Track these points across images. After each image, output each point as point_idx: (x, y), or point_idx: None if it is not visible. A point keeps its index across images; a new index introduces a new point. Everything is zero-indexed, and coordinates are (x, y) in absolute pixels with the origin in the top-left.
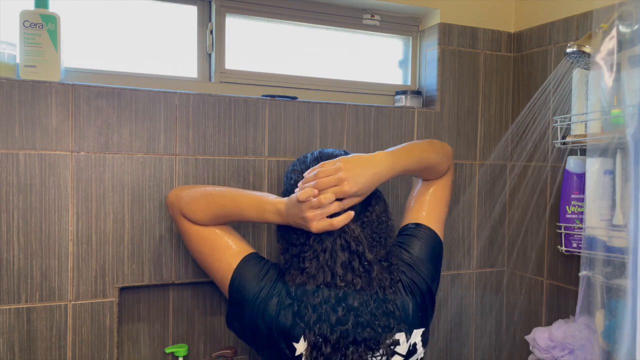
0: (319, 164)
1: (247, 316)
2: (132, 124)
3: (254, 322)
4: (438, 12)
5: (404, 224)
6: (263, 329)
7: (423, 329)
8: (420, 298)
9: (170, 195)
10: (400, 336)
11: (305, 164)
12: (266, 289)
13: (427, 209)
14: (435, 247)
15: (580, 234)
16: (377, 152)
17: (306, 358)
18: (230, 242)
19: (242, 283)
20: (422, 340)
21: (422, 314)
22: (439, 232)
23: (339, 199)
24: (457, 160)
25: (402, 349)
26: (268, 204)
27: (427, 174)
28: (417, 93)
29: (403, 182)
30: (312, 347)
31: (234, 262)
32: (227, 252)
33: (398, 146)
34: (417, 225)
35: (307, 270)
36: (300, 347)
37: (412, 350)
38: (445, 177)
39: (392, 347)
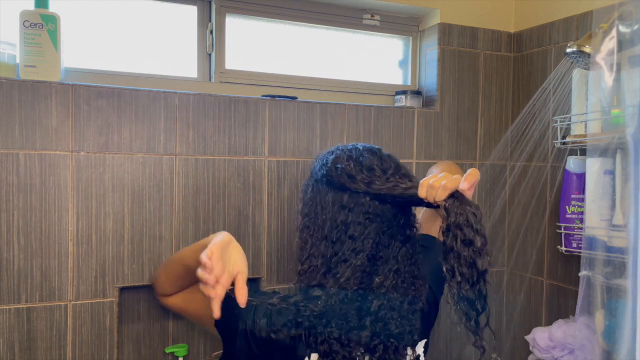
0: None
1: (239, 347)
2: (132, 124)
3: (247, 350)
4: (438, 12)
5: None
6: (256, 351)
7: (425, 340)
8: (427, 310)
9: (152, 283)
10: (408, 349)
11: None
12: (247, 312)
13: (438, 221)
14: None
15: (580, 234)
16: None
17: None
18: None
19: (225, 316)
20: (424, 350)
21: (426, 325)
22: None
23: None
24: (457, 161)
25: None
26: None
27: None
28: (417, 93)
29: None
30: None
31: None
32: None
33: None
34: (427, 236)
35: (334, 274)
36: None
37: None
38: None
39: None
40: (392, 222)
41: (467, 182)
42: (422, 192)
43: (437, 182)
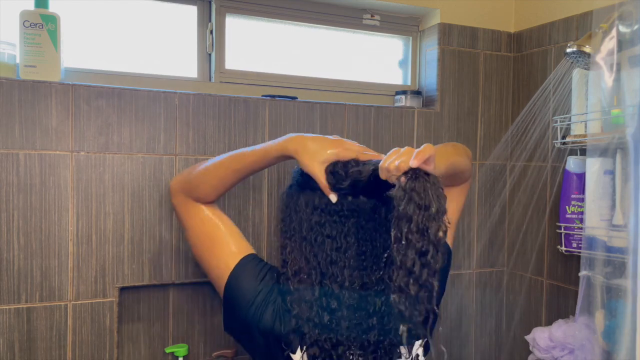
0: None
1: (241, 321)
2: (132, 124)
3: (248, 328)
4: (438, 12)
5: None
6: (259, 337)
7: (425, 340)
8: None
9: (173, 181)
10: (402, 348)
11: None
12: (262, 294)
13: None
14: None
15: (580, 234)
16: None
17: None
18: (231, 240)
19: (238, 285)
20: (424, 350)
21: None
22: (449, 240)
23: None
24: None
25: None
26: (272, 143)
27: (453, 181)
28: (417, 93)
29: None
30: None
31: (232, 262)
32: (225, 250)
33: None
34: None
35: (310, 263)
36: (297, 357)
37: None
38: (465, 185)
39: None
40: (372, 215)
41: (416, 159)
42: (382, 175)
43: (391, 164)
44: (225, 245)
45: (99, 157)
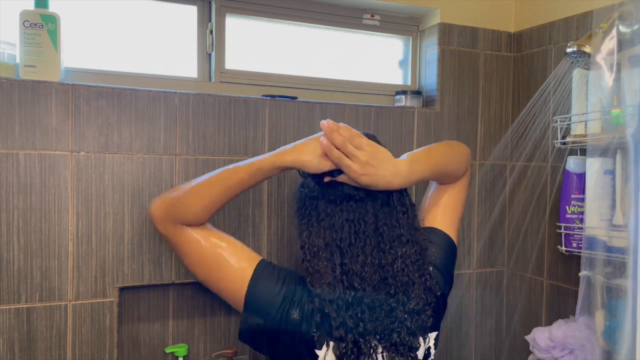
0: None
1: (267, 329)
2: (132, 124)
3: (275, 334)
4: (438, 12)
5: None
6: (286, 339)
7: (436, 332)
8: (436, 302)
9: (154, 209)
10: (420, 339)
11: None
12: (285, 296)
13: (442, 212)
14: (449, 252)
15: (580, 234)
16: (402, 156)
17: None
18: (238, 254)
19: (259, 294)
20: (435, 344)
21: (436, 318)
22: (453, 235)
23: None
24: None
25: (420, 352)
26: (264, 158)
27: (443, 180)
28: (417, 93)
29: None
30: (337, 355)
31: (246, 275)
32: (235, 266)
33: (419, 149)
34: (432, 229)
35: (331, 264)
36: (322, 353)
37: (427, 354)
38: (462, 181)
39: (412, 353)
40: (387, 199)
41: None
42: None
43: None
44: (233, 262)
45: (99, 157)
